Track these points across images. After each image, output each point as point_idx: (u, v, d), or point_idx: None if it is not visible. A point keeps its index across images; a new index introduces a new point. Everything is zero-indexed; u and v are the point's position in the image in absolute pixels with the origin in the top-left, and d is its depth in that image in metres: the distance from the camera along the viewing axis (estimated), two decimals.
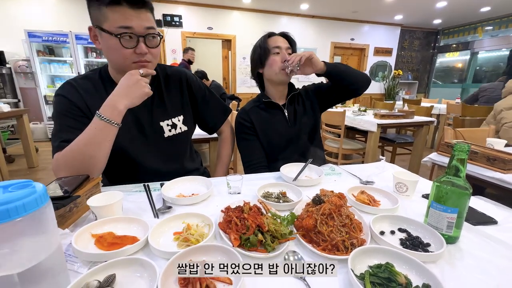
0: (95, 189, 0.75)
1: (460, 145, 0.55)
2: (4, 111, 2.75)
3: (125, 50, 0.75)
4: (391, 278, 0.44)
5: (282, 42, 1.11)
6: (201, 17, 5.45)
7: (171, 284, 0.44)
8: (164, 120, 0.96)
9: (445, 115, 4.05)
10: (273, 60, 1.09)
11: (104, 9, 0.72)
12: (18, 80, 4.37)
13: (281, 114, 1.17)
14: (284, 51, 1.10)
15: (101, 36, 0.76)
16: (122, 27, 0.73)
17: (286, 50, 1.10)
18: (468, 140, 1.48)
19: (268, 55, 1.10)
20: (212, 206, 0.74)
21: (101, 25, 0.74)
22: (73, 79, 0.88)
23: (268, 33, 1.14)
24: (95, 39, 0.80)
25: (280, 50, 1.09)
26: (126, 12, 0.73)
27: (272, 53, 1.10)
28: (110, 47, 0.76)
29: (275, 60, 1.09)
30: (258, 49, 1.12)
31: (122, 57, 0.77)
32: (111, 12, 0.72)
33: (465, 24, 6.65)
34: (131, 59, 0.78)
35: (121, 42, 0.74)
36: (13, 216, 0.33)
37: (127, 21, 0.73)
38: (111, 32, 0.73)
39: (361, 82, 1.13)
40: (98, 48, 0.81)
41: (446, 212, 0.57)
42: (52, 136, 0.83)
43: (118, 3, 0.72)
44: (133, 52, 0.77)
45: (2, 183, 0.37)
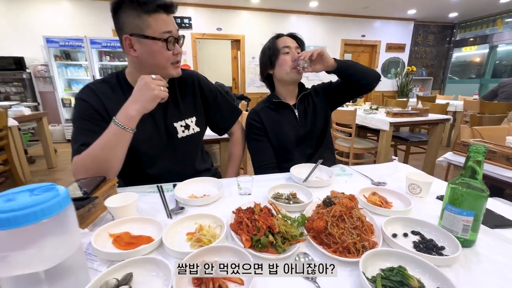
0: (111, 190, 0.78)
1: (476, 146, 0.54)
2: (26, 114, 2.88)
3: (168, 52, 0.82)
4: (403, 281, 0.44)
5: (291, 42, 1.12)
6: (210, 18, 5.50)
7: (185, 283, 0.46)
8: (178, 121, 0.99)
9: (461, 112, 3.90)
10: (283, 60, 1.11)
11: (145, 17, 0.78)
12: (37, 84, 4.57)
13: (291, 114, 1.18)
14: (294, 50, 1.11)
15: (141, 43, 0.80)
16: (166, 32, 0.80)
17: (295, 49, 1.12)
18: (487, 139, 1.42)
19: (278, 55, 1.12)
20: (223, 207, 0.76)
21: (142, 32, 0.79)
22: (92, 83, 0.91)
23: (276, 35, 1.16)
24: (130, 47, 0.82)
25: (290, 49, 1.11)
26: (164, 18, 0.81)
27: (282, 52, 1.11)
28: (154, 51, 0.81)
29: (285, 60, 1.10)
30: (267, 50, 1.14)
31: (166, 59, 0.83)
32: (153, 19, 0.78)
33: (483, 17, 6.36)
34: (171, 60, 0.85)
35: (167, 45, 0.81)
36: (39, 218, 0.35)
37: (168, 26, 0.81)
38: (157, 37, 0.79)
39: (371, 78, 1.13)
40: (133, 55, 0.83)
41: (462, 215, 0.56)
42: (71, 139, 0.86)
43: (157, 10, 0.78)
44: (172, 54, 0.84)
45: (27, 187, 0.39)
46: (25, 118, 2.91)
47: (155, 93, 0.77)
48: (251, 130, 1.17)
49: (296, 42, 1.14)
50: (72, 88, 4.79)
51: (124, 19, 0.80)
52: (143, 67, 0.86)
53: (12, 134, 2.62)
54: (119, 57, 4.77)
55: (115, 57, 4.77)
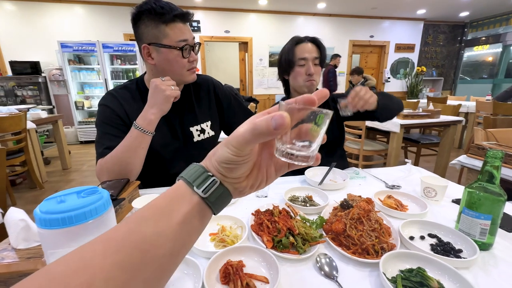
0: (135, 192, 0.82)
1: (493, 151, 0.55)
2: (42, 117, 2.99)
3: (183, 60, 0.85)
4: (423, 282, 0.46)
5: (309, 51, 1.08)
6: (218, 21, 5.57)
7: (213, 280, 0.49)
8: (194, 126, 1.02)
9: (474, 114, 3.83)
10: (298, 72, 1.09)
11: (163, 27, 0.81)
12: (52, 87, 4.72)
13: None
14: (311, 62, 1.07)
15: (158, 52, 0.84)
16: (182, 40, 0.83)
17: (312, 61, 1.08)
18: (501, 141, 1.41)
19: (293, 66, 1.09)
20: (241, 208, 0.78)
21: (160, 41, 0.82)
22: (114, 90, 0.96)
23: (295, 39, 1.11)
24: (148, 55, 0.86)
25: (306, 61, 1.07)
26: (180, 27, 0.82)
27: (297, 64, 1.08)
28: (170, 59, 0.84)
29: (300, 72, 1.08)
30: (285, 55, 1.11)
31: (182, 66, 0.86)
32: (170, 29, 0.81)
33: (496, 15, 6.23)
34: (187, 67, 0.88)
35: (182, 53, 0.84)
36: (88, 218, 0.39)
37: (184, 35, 0.83)
38: (174, 46, 0.82)
39: (396, 113, 1.10)
40: (151, 63, 0.87)
41: (479, 218, 0.57)
42: (96, 143, 0.91)
43: (174, 20, 0.81)
44: (188, 61, 0.86)
45: (74, 189, 0.43)
46: (42, 120, 3.02)
47: (167, 94, 0.80)
48: None
49: (315, 50, 1.09)
50: (84, 91, 4.94)
51: (143, 29, 0.84)
52: (160, 74, 0.90)
53: (30, 136, 2.72)
54: (130, 61, 4.88)
55: (126, 61, 4.89)
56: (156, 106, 0.81)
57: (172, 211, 0.25)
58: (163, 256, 0.24)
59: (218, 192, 0.26)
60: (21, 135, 2.51)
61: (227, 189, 0.27)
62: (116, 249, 0.22)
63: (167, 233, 0.24)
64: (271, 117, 0.23)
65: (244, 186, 0.29)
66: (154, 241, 0.23)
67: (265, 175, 0.30)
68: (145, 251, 0.23)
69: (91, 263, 0.21)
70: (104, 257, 0.21)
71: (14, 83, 4.54)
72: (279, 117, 0.23)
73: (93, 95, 4.91)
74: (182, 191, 0.26)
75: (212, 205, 0.26)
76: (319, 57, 1.10)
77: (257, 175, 0.29)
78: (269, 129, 0.23)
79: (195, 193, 0.26)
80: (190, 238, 0.27)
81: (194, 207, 0.26)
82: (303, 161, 0.27)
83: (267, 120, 0.24)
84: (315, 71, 1.09)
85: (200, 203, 0.26)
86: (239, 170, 0.27)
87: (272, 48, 5.92)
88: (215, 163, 0.27)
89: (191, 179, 0.26)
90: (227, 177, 0.27)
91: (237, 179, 0.27)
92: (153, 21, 0.81)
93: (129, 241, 0.23)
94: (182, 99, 1.02)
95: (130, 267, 0.22)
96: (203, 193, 0.26)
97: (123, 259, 0.21)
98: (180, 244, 0.25)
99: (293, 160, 0.27)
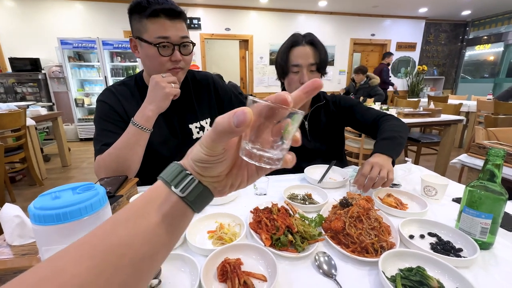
0: (133, 189, 0.82)
1: (495, 150, 0.54)
2: (42, 114, 2.98)
3: (162, 58, 0.81)
4: (423, 281, 0.45)
5: (304, 56, 0.97)
6: (218, 19, 5.54)
7: (211, 278, 0.48)
8: (193, 123, 1.01)
9: (475, 113, 3.82)
10: (291, 80, 1.01)
11: (145, 21, 0.79)
12: (52, 84, 4.71)
13: (302, 126, 1.09)
14: (305, 70, 0.97)
15: (141, 46, 0.82)
16: (160, 37, 0.79)
17: (308, 67, 0.98)
18: (502, 141, 1.40)
19: (287, 73, 1.02)
20: (240, 206, 0.78)
21: (141, 35, 0.80)
22: (112, 86, 0.95)
23: (292, 40, 1.01)
24: (135, 49, 0.86)
25: (300, 69, 0.98)
26: (164, 23, 0.78)
27: (291, 71, 1.00)
28: (148, 55, 0.81)
29: (293, 80, 1.00)
30: (279, 59, 1.03)
31: (159, 64, 0.82)
32: (151, 24, 0.78)
33: (498, 14, 6.19)
34: (167, 66, 0.83)
35: (159, 50, 0.79)
36: (83, 214, 0.38)
37: (164, 32, 0.78)
38: (150, 41, 0.79)
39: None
40: (137, 57, 0.87)
41: (480, 217, 0.56)
42: (94, 139, 0.90)
43: (157, 15, 0.78)
44: (169, 60, 0.82)
45: (70, 185, 0.42)
46: (42, 117, 3.01)
47: (166, 91, 0.78)
48: None
49: (313, 54, 0.98)
50: (84, 88, 4.92)
51: (132, 22, 0.83)
52: (146, 68, 0.89)
53: (30, 133, 2.72)
54: (130, 58, 4.87)
55: (126, 58, 4.87)
56: (154, 103, 0.80)
57: (149, 211, 0.24)
58: (141, 259, 0.23)
59: (197, 191, 0.25)
60: (20, 132, 2.50)
61: (207, 188, 0.26)
62: (92, 254, 0.21)
63: (145, 235, 0.23)
64: (233, 114, 0.22)
65: (224, 185, 0.28)
66: (130, 244, 0.23)
67: (246, 175, 0.29)
68: (121, 255, 0.22)
69: (64, 270, 0.20)
70: (79, 263, 0.21)
71: (13, 80, 4.52)
72: (240, 113, 0.22)
73: (93, 92, 4.90)
74: (160, 191, 0.26)
75: (192, 204, 0.25)
76: (317, 63, 0.99)
77: (236, 174, 0.28)
78: (230, 126, 0.22)
79: (173, 193, 0.25)
80: (171, 238, 0.26)
81: (173, 206, 0.25)
82: (269, 164, 0.25)
83: (229, 116, 0.22)
84: (310, 79, 1.03)
85: (179, 202, 0.25)
86: (215, 169, 0.26)
87: (273, 46, 5.89)
88: (191, 161, 0.26)
89: (169, 178, 0.25)
90: (204, 176, 0.26)
91: (215, 177, 0.26)
92: (138, 14, 0.80)
93: (103, 245, 0.22)
94: (181, 96, 1.01)
95: (106, 272, 0.21)
96: (181, 192, 0.25)
97: (98, 264, 0.21)
98: (160, 245, 0.25)
99: (258, 161, 0.24)
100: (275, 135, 0.25)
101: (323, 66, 1.01)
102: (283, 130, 0.25)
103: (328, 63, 1.03)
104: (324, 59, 1.00)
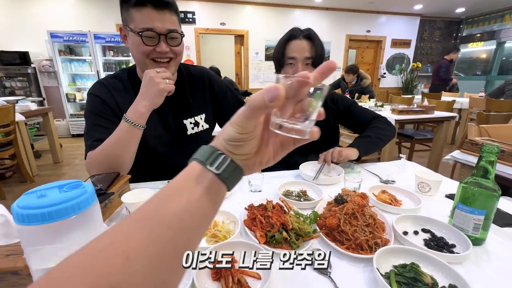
0: (125, 186, 0.80)
1: (489, 146, 0.54)
2: (32, 109, 2.90)
3: (145, 47, 0.79)
4: (417, 278, 0.45)
5: (300, 50, 0.98)
6: (214, 13, 5.46)
7: (204, 277, 0.47)
8: (188, 118, 1.00)
9: (467, 110, 3.87)
10: (286, 72, 1.02)
11: (131, 10, 0.77)
12: (42, 79, 4.59)
13: None
14: (300, 64, 0.98)
15: (128, 34, 0.81)
16: (145, 28, 0.77)
17: (303, 61, 0.98)
18: (494, 137, 1.42)
19: (283, 65, 1.03)
20: (234, 203, 0.77)
21: (128, 24, 0.79)
22: (104, 79, 0.93)
23: (289, 35, 1.01)
24: (125, 38, 0.84)
25: (296, 62, 0.99)
26: (150, 13, 0.76)
27: (286, 63, 1.01)
28: (133, 44, 0.80)
29: (287, 73, 1.01)
30: (276, 52, 1.05)
31: (143, 53, 0.80)
32: (137, 13, 0.76)
33: (491, 12, 6.25)
34: (151, 56, 0.81)
35: (142, 40, 0.78)
36: (70, 213, 0.37)
37: (150, 23, 0.76)
38: (135, 31, 0.77)
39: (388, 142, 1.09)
40: (126, 46, 0.85)
41: (473, 213, 0.56)
42: (84, 134, 0.88)
43: (144, 4, 0.75)
44: (154, 50, 0.80)
45: (56, 183, 0.41)
46: (32, 113, 2.93)
47: (161, 87, 0.76)
48: None
49: (309, 48, 0.98)
50: (76, 83, 4.81)
51: (122, 11, 0.82)
52: (133, 58, 0.87)
53: (19, 129, 2.65)
54: (123, 52, 4.77)
55: (119, 52, 4.77)
56: (147, 99, 0.77)
57: (190, 186, 0.26)
58: (190, 228, 0.26)
59: (230, 168, 0.27)
60: (9, 127, 2.44)
61: (238, 166, 0.28)
62: (142, 225, 0.23)
63: (189, 207, 0.26)
64: (265, 90, 0.24)
65: (253, 163, 0.30)
66: (180, 215, 0.25)
67: (272, 152, 0.31)
68: (170, 226, 0.24)
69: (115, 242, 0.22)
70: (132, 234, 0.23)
71: (2, 74, 4.40)
72: (273, 89, 0.24)
73: (85, 87, 4.79)
74: (196, 170, 0.28)
75: (226, 181, 0.27)
76: (312, 57, 1.00)
77: (264, 151, 0.31)
78: (264, 101, 0.24)
79: (208, 171, 0.27)
80: (212, 209, 0.28)
81: (209, 183, 0.27)
82: (298, 134, 0.27)
83: (262, 93, 0.25)
84: None
85: (215, 179, 0.27)
86: (246, 147, 0.28)
87: (269, 42, 5.85)
88: (223, 141, 0.28)
89: (203, 158, 0.28)
90: (236, 154, 0.28)
91: (246, 155, 0.29)
92: (126, 3, 0.78)
93: (156, 217, 0.24)
94: (176, 91, 0.98)
95: (158, 241, 0.23)
96: (216, 169, 0.27)
97: (150, 234, 0.23)
98: (204, 216, 0.27)
99: (287, 132, 0.27)
100: (302, 110, 0.27)
101: (318, 61, 1.01)
102: (309, 105, 0.27)
103: (324, 58, 1.03)
104: (320, 54, 1.00)
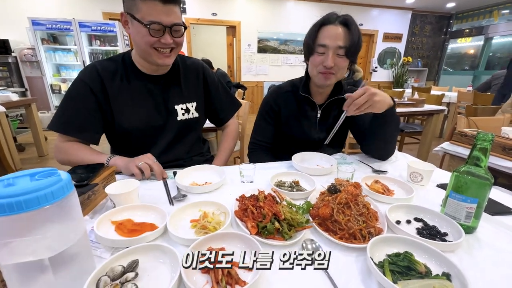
0: (111, 177, 0.76)
1: (484, 134, 0.54)
2: (13, 100, 2.77)
3: (151, 38, 0.80)
4: (410, 266, 0.44)
5: (333, 37, 0.87)
6: (205, 3, 5.31)
7: (194, 270, 0.45)
8: (179, 104, 1.00)
9: (455, 104, 3.96)
10: (314, 60, 0.93)
11: (138, 1, 0.76)
12: (24, 69, 4.38)
13: (313, 114, 1.06)
14: (331, 52, 0.88)
15: (132, 23, 0.81)
16: (152, 22, 0.77)
17: (335, 50, 0.88)
18: (482, 129, 1.44)
19: (312, 52, 0.93)
20: (225, 194, 0.75)
21: (132, 13, 0.78)
22: (98, 61, 0.92)
23: (323, 19, 0.90)
24: (126, 24, 0.84)
25: (327, 50, 0.88)
26: (157, 6, 0.76)
27: (316, 51, 0.91)
28: (139, 33, 0.81)
29: (316, 61, 0.92)
30: (307, 37, 0.94)
31: (148, 43, 0.82)
32: (144, 5, 0.76)
33: (480, 8, 6.35)
34: (154, 45, 0.83)
35: (150, 32, 0.79)
36: (42, 203, 0.33)
37: (157, 16, 0.77)
38: (142, 22, 0.78)
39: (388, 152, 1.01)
40: (127, 32, 0.86)
41: (466, 202, 0.56)
42: (55, 115, 0.91)
43: None
44: (158, 41, 0.82)
45: (28, 171, 0.37)
46: (13, 104, 2.79)
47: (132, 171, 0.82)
48: (265, 108, 1.11)
49: (344, 36, 0.87)
50: (61, 73, 4.62)
51: None
52: (135, 45, 0.87)
53: (0, 121, 2.53)
54: (110, 42, 4.59)
55: (106, 42, 4.59)
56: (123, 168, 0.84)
57: None
58: None
59: None
60: None
61: None
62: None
63: None
64: None
65: None
66: None
67: None
68: None
69: None
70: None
71: None
72: None
73: (70, 78, 4.60)
74: None
75: None
76: (346, 47, 0.88)
77: None
78: None
79: None
80: None
81: None
82: None
83: None
84: (336, 63, 0.89)
85: None
86: None
87: (261, 34, 5.75)
88: None
89: None
90: None
91: None
92: None
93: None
94: (169, 77, 0.99)
95: None
96: None
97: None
98: None
99: None
100: None
101: (353, 52, 0.90)
102: None
103: (360, 49, 0.92)
104: (356, 44, 0.88)
